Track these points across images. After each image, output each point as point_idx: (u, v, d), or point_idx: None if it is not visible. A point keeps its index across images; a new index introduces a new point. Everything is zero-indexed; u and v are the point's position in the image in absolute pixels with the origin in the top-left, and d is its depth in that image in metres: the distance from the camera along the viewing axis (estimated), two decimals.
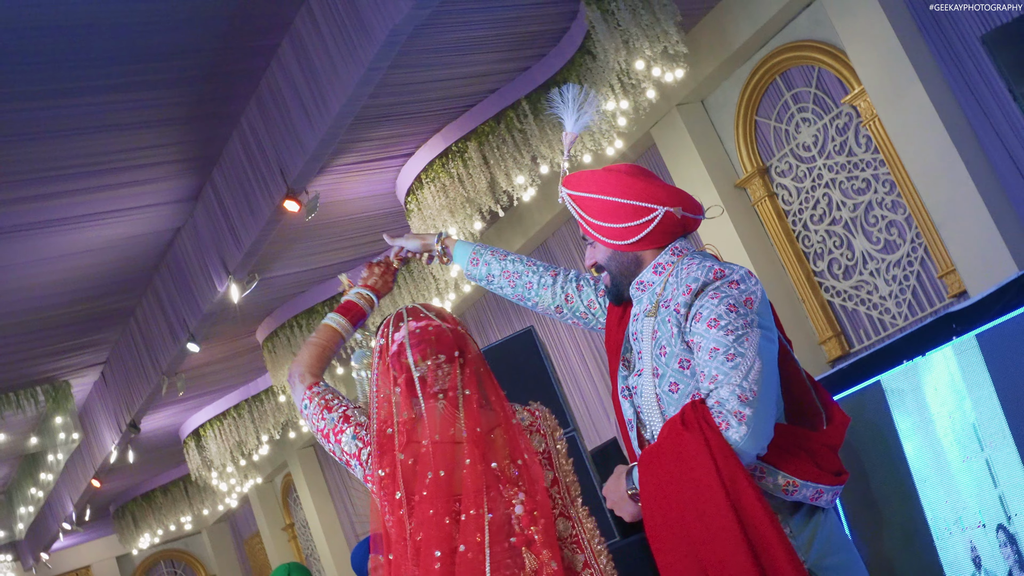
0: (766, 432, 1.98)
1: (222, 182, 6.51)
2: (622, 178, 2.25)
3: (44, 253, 6.59)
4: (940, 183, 5.51)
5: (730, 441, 1.95)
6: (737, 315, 2.03)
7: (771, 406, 2.00)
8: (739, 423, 1.94)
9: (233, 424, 9.97)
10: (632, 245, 2.23)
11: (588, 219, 2.27)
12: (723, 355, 1.99)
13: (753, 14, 6.18)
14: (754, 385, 1.96)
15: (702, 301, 2.07)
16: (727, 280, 2.09)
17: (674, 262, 2.21)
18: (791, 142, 6.50)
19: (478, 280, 2.61)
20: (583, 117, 2.44)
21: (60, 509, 11.25)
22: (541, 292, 2.51)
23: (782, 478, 2.06)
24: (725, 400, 1.97)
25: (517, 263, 2.54)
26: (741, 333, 2.01)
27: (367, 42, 4.97)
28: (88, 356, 8.66)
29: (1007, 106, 5.32)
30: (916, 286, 6.04)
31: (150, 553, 14.42)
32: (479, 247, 2.61)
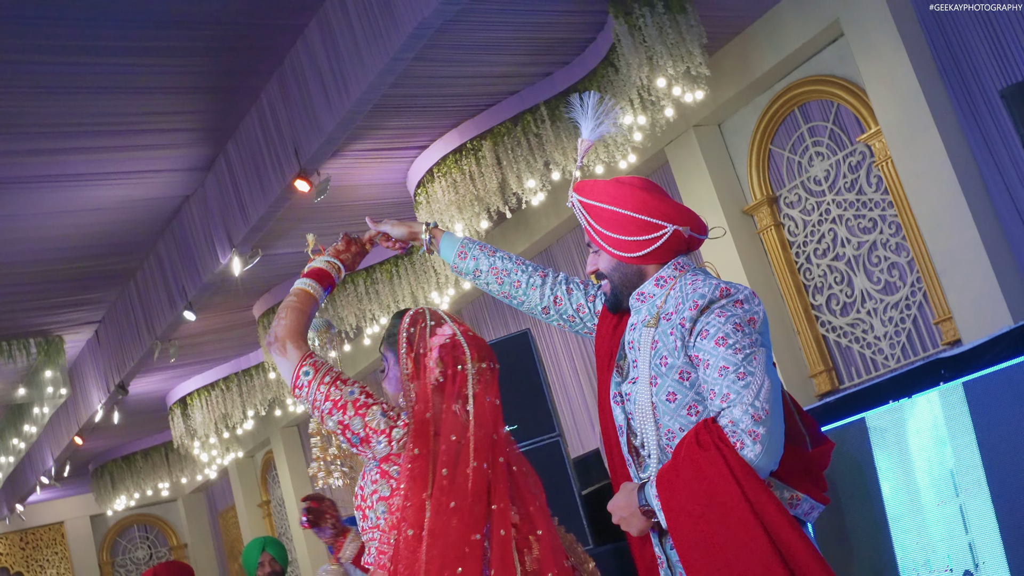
0: (778, 449, 2.04)
1: (235, 155, 6.54)
2: (636, 192, 2.28)
3: (52, 207, 6.62)
4: (945, 231, 5.54)
5: (746, 460, 2.00)
6: (743, 334, 2.08)
7: (781, 423, 2.05)
8: (754, 442, 2.00)
9: (220, 396, 9.99)
10: (638, 258, 2.27)
11: (597, 227, 2.30)
12: (734, 374, 2.04)
13: (778, 44, 6.21)
14: (765, 404, 2.01)
15: (708, 318, 2.11)
16: (732, 299, 2.13)
17: (676, 276, 2.25)
18: (803, 174, 6.53)
19: (464, 274, 2.61)
20: (601, 126, 2.46)
21: (40, 462, 11.26)
22: (529, 292, 2.53)
23: (787, 492, 2.13)
24: (739, 420, 2.01)
25: (506, 260, 2.55)
26: (749, 352, 2.06)
27: (394, 32, 5.00)
28: (84, 313, 8.68)
29: (1019, 161, 5.36)
30: (911, 330, 6.07)
31: (124, 515, 14.44)
32: (467, 241, 2.60)
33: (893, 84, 5.68)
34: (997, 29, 5.43)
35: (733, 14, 6.12)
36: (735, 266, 6.58)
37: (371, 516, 2.26)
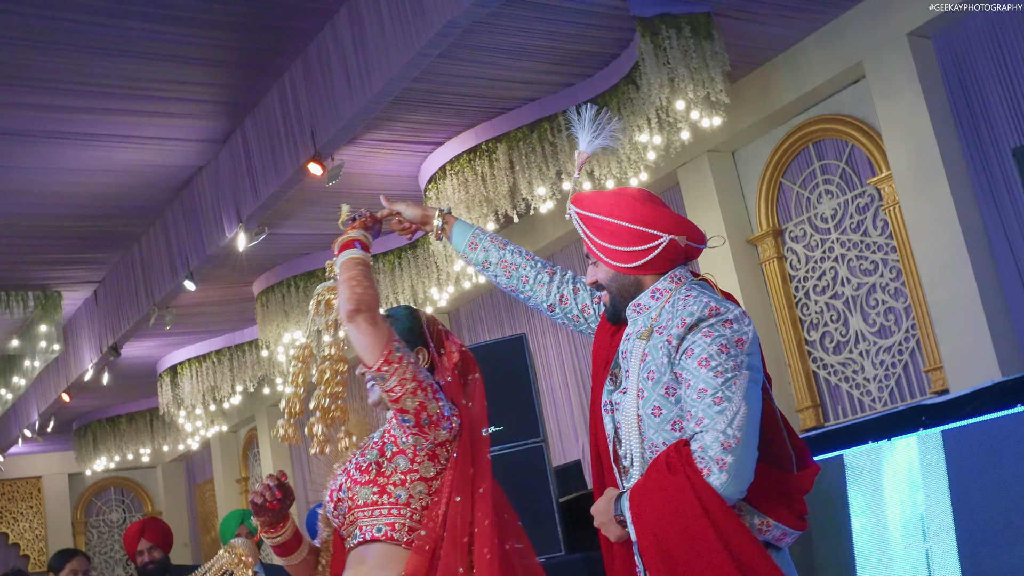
0: (747, 477, 2.02)
1: (252, 131, 6.58)
2: (630, 203, 2.29)
3: (67, 164, 6.66)
4: (945, 281, 5.59)
5: (712, 486, 1.99)
6: (728, 356, 2.07)
7: (753, 451, 2.05)
8: (720, 470, 1.99)
9: (211, 368, 10.02)
10: (634, 269, 2.27)
11: (593, 239, 2.32)
12: (711, 397, 2.03)
13: (799, 79, 6.26)
14: (738, 432, 2.00)
15: (695, 337, 2.10)
16: (721, 319, 2.11)
17: (672, 289, 2.25)
18: (810, 210, 6.58)
19: (474, 264, 2.62)
20: (598, 139, 2.47)
21: (24, 415, 11.29)
22: (536, 288, 2.54)
23: (758, 518, 2.11)
24: (708, 446, 2.00)
25: (515, 255, 2.57)
26: (730, 376, 2.05)
27: (422, 27, 5.04)
28: (84, 272, 8.72)
29: (1017, 202, 5.41)
30: (901, 375, 6.11)
31: (102, 477, 14.46)
32: (478, 231, 2.62)
33: (908, 131, 5.73)
34: (1016, 87, 5.48)
35: (758, 45, 6.17)
36: (734, 293, 6.60)
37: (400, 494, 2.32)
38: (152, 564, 5.34)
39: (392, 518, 2.31)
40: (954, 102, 5.72)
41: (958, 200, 5.57)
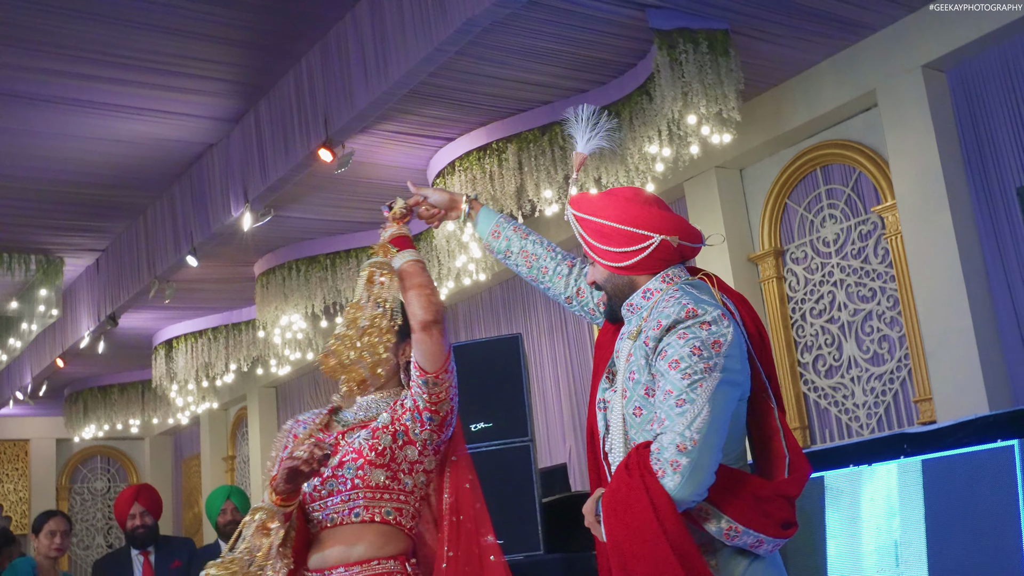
0: (703, 480, 2.02)
1: (266, 113, 6.62)
2: (621, 203, 2.32)
3: (80, 131, 6.70)
4: (941, 314, 5.63)
5: (668, 488, 1.99)
6: (699, 358, 2.06)
7: (713, 454, 2.04)
8: (674, 472, 1.98)
9: (207, 345, 10.06)
10: (626, 269, 2.29)
11: (588, 240, 2.35)
12: (674, 399, 2.04)
13: (812, 103, 6.30)
14: (696, 434, 2.00)
15: (670, 339, 2.11)
16: (699, 320, 2.10)
17: (663, 289, 2.26)
18: (813, 233, 6.62)
19: (496, 253, 2.65)
20: (594, 139, 2.50)
21: (17, 378, 11.33)
22: (555, 280, 2.57)
23: (725, 522, 2.09)
24: (664, 448, 2.01)
25: (537, 245, 2.60)
26: (698, 378, 2.04)
27: (442, 23, 5.08)
28: (88, 240, 8.76)
29: (1021, 260, 5.44)
30: (891, 403, 6.15)
31: (90, 445, 14.50)
32: (502, 219, 2.64)
33: (916, 162, 5.77)
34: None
35: (773, 66, 6.21)
36: None
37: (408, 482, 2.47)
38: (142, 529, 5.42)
39: (400, 504, 2.46)
40: (963, 137, 5.76)
41: (960, 234, 5.61)
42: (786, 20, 5.67)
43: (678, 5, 5.36)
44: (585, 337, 8.21)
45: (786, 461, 2.20)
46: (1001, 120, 5.63)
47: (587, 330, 8.19)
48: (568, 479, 6.44)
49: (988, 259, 5.63)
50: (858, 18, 5.76)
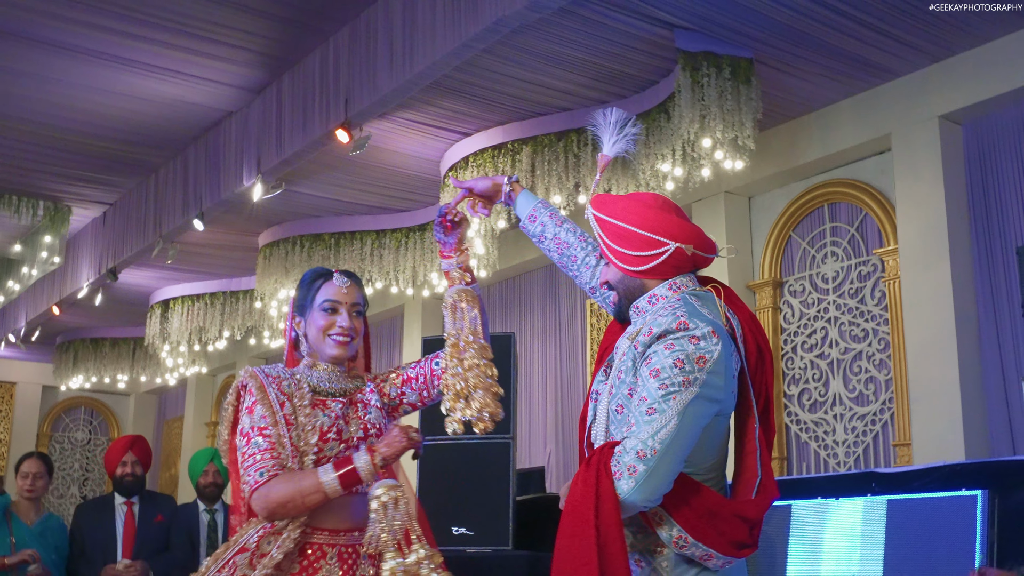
0: (657, 488, 2.08)
1: (288, 88, 6.68)
2: (642, 208, 2.37)
3: (104, 84, 6.75)
4: (929, 362, 5.68)
5: (619, 490, 2.06)
6: (680, 371, 2.11)
7: (672, 464, 2.09)
8: (629, 476, 2.06)
9: (203, 309, 10.11)
10: (640, 272, 2.34)
11: (606, 240, 2.40)
12: (646, 406, 2.11)
13: (827, 140, 6.36)
14: (657, 444, 2.06)
15: (657, 347, 2.16)
16: (688, 334, 2.15)
17: (667, 296, 2.32)
18: (813, 268, 6.68)
19: (531, 235, 2.72)
20: (620, 142, 2.56)
21: (12, 320, 11.38)
22: (582, 269, 2.63)
23: (676, 531, 2.15)
24: (626, 452, 2.09)
25: (569, 233, 2.66)
26: (673, 391, 2.10)
27: (472, 20, 5.14)
28: (98, 192, 8.82)
29: (1016, 318, 5.50)
30: (870, 444, 6.21)
31: (76, 395, 14.55)
32: (540, 204, 2.71)
33: (923, 210, 5.83)
34: None
35: (793, 99, 6.27)
36: None
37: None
38: (131, 477, 5.52)
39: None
40: (972, 191, 5.82)
41: (957, 286, 5.67)
42: (811, 56, 5.73)
43: (706, 29, 5.42)
44: (577, 346, 8.26)
45: (756, 482, 2.26)
46: (1010, 179, 5.69)
47: (580, 339, 8.25)
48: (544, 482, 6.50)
49: (981, 314, 5.69)
50: (882, 62, 5.83)
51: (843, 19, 5.33)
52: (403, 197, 8.02)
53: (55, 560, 5.27)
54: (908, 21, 5.38)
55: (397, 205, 8.19)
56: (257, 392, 2.59)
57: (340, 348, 2.67)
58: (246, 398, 2.60)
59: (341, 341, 2.67)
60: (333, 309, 2.68)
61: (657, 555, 2.22)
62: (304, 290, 2.74)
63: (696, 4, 5.18)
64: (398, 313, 10.09)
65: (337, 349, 2.67)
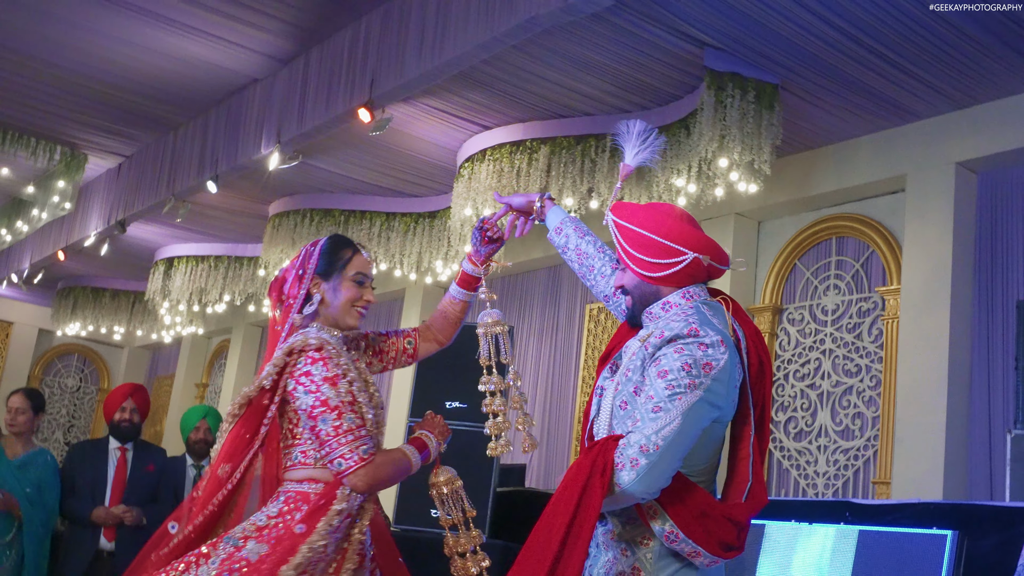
0: (656, 482, 2.18)
1: (315, 62, 6.72)
2: (663, 218, 2.46)
3: (135, 38, 6.79)
4: (918, 405, 5.72)
5: (619, 480, 2.16)
6: (687, 375, 2.21)
7: (672, 461, 2.19)
8: (631, 468, 2.15)
9: (206, 271, 10.15)
10: (656, 279, 2.43)
11: (625, 246, 2.48)
12: (652, 404, 2.20)
13: (842, 174, 6.40)
14: (660, 440, 2.16)
15: (667, 350, 2.26)
16: (698, 340, 2.25)
17: (680, 304, 2.41)
18: (814, 299, 6.72)
19: (556, 246, 2.85)
20: (642, 153, 2.66)
21: (16, 261, 11.43)
22: (598, 278, 2.74)
23: (669, 526, 2.24)
24: (630, 445, 2.18)
25: (590, 245, 2.78)
26: (679, 392, 2.20)
27: (505, 15, 5.17)
28: (116, 143, 8.86)
29: (1007, 370, 5.54)
30: (850, 479, 6.26)
31: (71, 341, 14.61)
32: (568, 219, 2.84)
33: (929, 254, 5.87)
34: None
35: (813, 129, 6.31)
36: None
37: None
38: (127, 423, 5.59)
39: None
40: (979, 240, 5.86)
41: (954, 332, 5.71)
42: (836, 89, 5.77)
43: (736, 51, 5.46)
44: (572, 349, 8.30)
45: (747, 486, 2.35)
46: (1019, 232, 5.73)
47: (575, 343, 8.29)
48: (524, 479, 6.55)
49: (975, 362, 5.73)
50: (905, 103, 5.86)
51: (872, 56, 5.37)
52: (417, 182, 8.07)
53: (30, 494, 5.28)
54: (936, 65, 5.42)
55: (410, 190, 8.23)
56: (342, 364, 2.61)
57: (360, 319, 2.78)
58: (320, 366, 2.57)
59: (363, 313, 2.78)
60: (362, 283, 2.78)
61: (642, 547, 2.31)
62: (331, 256, 2.78)
63: (728, 24, 5.22)
64: (399, 296, 10.14)
65: (358, 320, 2.77)
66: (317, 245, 2.80)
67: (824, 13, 5.00)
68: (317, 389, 2.53)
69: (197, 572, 2.40)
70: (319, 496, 2.52)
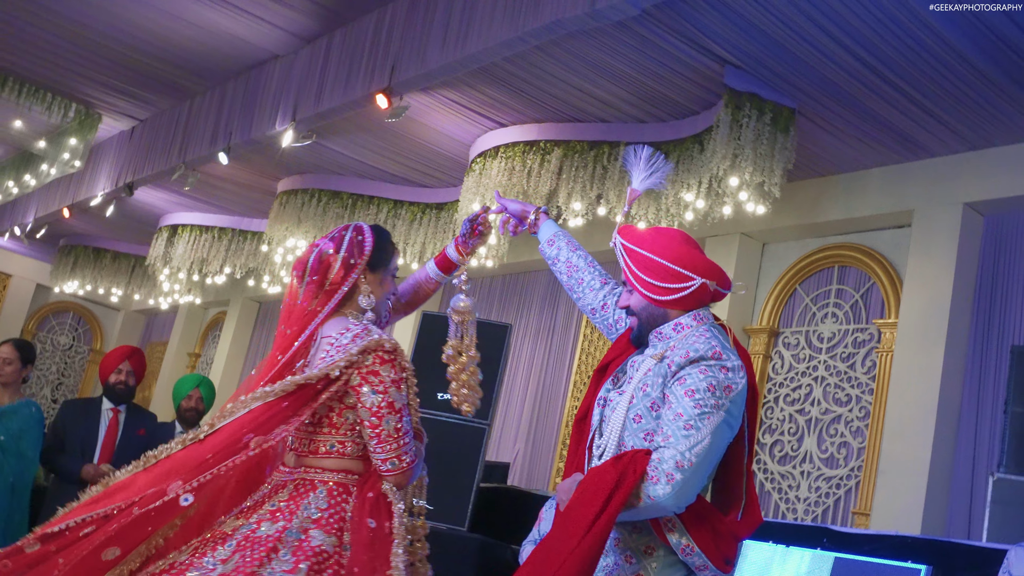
0: (687, 497, 2.29)
1: (338, 43, 6.73)
2: (673, 244, 2.54)
3: (163, 5, 6.80)
4: (904, 439, 5.75)
5: (655, 494, 2.25)
6: (712, 395, 2.32)
7: (701, 478, 2.30)
8: (667, 483, 2.26)
9: (209, 242, 10.16)
10: (665, 302, 2.52)
11: (633, 270, 2.56)
12: (683, 422, 2.30)
13: (850, 203, 6.42)
14: (693, 457, 2.27)
15: (691, 370, 2.35)
16: (720, 363, 2.36)
17: (692, 326, 2.50)
18: (812, 325, 6.74)
19: (546, 257, 2.96)
20: (650, 178, 2.73)
21: (20, 214, 11.44)
22: (586, 291, 2.84)
23: (685, 539, 2.34)
24: (664, 460, 2.27)
25: (580, 259, 2.89)
26: (707, 412, 2.30)
27: (531, 15, 5.19)
28: (131, 106, 8.88)
29: (996, 414, 5.57)
30: (830, 507, 6.28)
31: (67, 300, 14.62)
32: (560, 232, 2.95)
33: (929, 291, 5.89)
34: None
35: (826, 156, 6.33)
36: None
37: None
38: (122, 386, 5.60)
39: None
40: (980, 282, 5.88)
41: (947, 371, 5.73)
42: (852, 119, 5.79)
43: (757, 72, 5.48)
44: (566, 352, 8.32)
45: (741, 504, 2.45)
46: (1020, 277, 5.75)
47: (570, 346, 8.31)
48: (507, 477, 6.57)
49: (965, 402, 5.76)
50: (919, 139, 5.89)
51: (890, 89, 5.39)
52: (428, 173, 8.08)
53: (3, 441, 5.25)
54: (953, 104, 5.44)
55: (420, 179, 8.25)
56: (407, 367, 2.71)
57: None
58: (389, 368, 2.64)
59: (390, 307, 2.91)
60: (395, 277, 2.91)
61: (647, 555, 2.39)
62: (385, 251, 2.85)
63: (751, 45, 5.24)
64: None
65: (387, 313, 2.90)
66: (364, 234, 2.81)
67: (846, 42, 5.02)
68: (385, 391, 2.60)
69: (271, 567, 2.42)
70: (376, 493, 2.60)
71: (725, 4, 4.90)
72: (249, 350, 12.19)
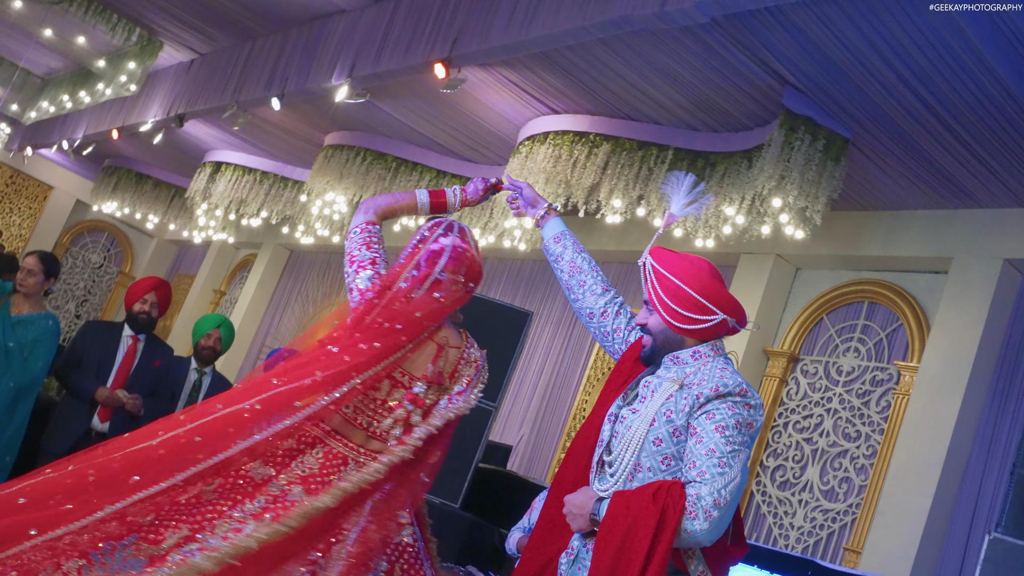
0: (720, 531, 2.38)
1: (405, 7, 6.74)
2: (702, 276, 2.59)
3: None
4: (907, 484, 5.72)
5: (693, 529, 2.33)
6: (739, 433, 2.42)
7: (731, 514, 2.39)
8: (706, 519, 2.34)
9: (250, 184, 10.24)
10: (685, 331, 2.58)
11: (659, 293, 2.60)
12: (717, 459, 2.38)
13: (890, 242, 6.37)
14: (728, 495, 2.36)
15: (720, 405, 2.44)
16: (745, 400, 2.45)
17: (710, 356, 2.57)
18: (832, 356, 6.71)
19: (549, 254, 2.98)
20: (690, 206, 2.75)
21: (70, 129, 11.56)
22: (587, 295, 2.88)
23: (703, 567, 2.46)
24: (703, 497, 2.35)
25: (584, 261, 2.92)
26: (737, 449, 2.40)
27: (600, 9, 5.17)
28: (194, 39, 8.94)
29: (1004, 473, 5.53)
30: (823, 539, 6.27)
31: (104, 219, 14.76)
32: (567, 231, 2.99)
33: (956, 341, 5.84)
34: None
35: (872, 191, 6.28)
36: None
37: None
38: (146, 316, 5.65)
39: None
40: (1009, 339, 5.83)
41: (960, 423, 5.69)
42: (904, 157, 5.74)
43: (815, 96, 5.44)
44: (584, 347, 8.33)
45: (730, 531, 2.52)
46: None
47: (588, 342, 8.31)
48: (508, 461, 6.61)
49: (974, 456, 5.72)
50: (968, 186, 5.83)
51: (946, 132, 5.34)
52: (474, 148, 8.09)
53: (12, 348, 5.29)
54: (1008, 158, 5.39)
55: (466, 153, 8.26)
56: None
57: None
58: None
59: None
60: None
61: None
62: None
63: (814, 68, 5.20)
64: None
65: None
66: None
67: (909, 79, 4.97)
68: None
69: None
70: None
71: (794, 24, 4.86)
72: (274, 296, 12.28)
